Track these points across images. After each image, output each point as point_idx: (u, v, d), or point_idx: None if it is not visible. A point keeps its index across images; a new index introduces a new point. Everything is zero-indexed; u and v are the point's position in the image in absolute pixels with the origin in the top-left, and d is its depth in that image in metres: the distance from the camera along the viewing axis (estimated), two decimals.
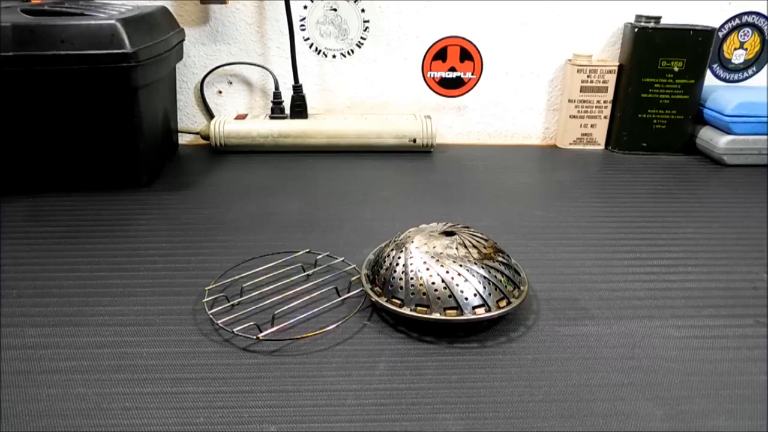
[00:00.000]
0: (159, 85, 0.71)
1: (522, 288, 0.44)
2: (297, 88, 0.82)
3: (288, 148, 0.81)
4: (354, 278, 0.48)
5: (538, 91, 0.87)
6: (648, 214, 0.63)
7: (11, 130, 0.63)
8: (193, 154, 0.82)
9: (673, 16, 0.83)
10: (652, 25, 0.79)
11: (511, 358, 0.40)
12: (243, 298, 0.46)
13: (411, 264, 0.42)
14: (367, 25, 0.83)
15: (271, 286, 0.47)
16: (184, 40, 0.79)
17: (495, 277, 0.42)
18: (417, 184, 0.71)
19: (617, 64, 0.82)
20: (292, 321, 0.43)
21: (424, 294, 0.41)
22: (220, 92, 0.87)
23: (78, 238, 0.56)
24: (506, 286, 0.42)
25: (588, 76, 0.82)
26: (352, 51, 0.85)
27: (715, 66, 0.88)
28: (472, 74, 0.86)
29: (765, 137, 0.77)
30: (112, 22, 0.60)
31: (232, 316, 0.43)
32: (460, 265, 0.41)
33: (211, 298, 0.46)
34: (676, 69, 0.80)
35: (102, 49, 0.59)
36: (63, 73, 0.60)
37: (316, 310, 0.44)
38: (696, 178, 0.75)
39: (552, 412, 0.35)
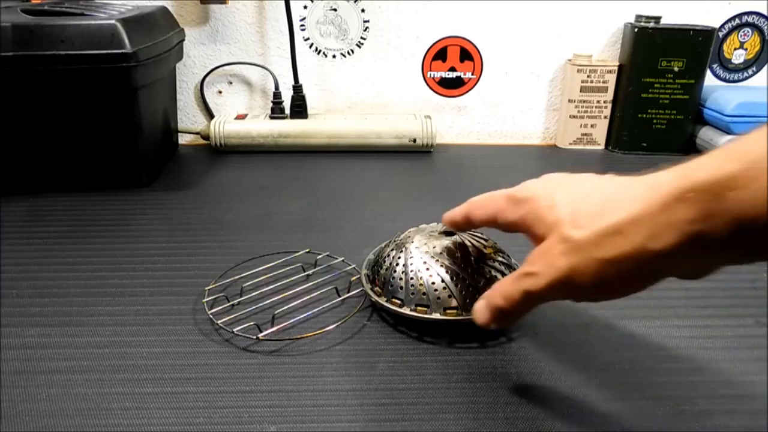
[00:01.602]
0: (159, 85, 0.71)
1: None
2: (297, 88, 0.82)
3: (288, 148, 0.81)
4: (354, 278, 0.48)
5: (538, 91, 0.87)
6: None
7: (11, 130, 0.63)
8: (193, 154, 0.82)
9: (673, 16, 0.83)
10: (652, 25, 0.79)
11: (511, 358, 0.40)
12: (243, 298, 0.46)
13: (411, 264, 0.42)
14: (367, 25, 0.83)
15: (271, 286, 0.47)
16: (184, 40, 0.79)
17: (495, 277, 0.42)
18: (417, 184, 0.71)
19: (617, 64, 0.82)
20: (292, 321, 0.43)
21: (424, 294, 0.41)
22: (220, 92, 0.87)
23: (78, 238, 0.56)
24: None
25: (588, 76, 0.82)
26: (352, 51, 0.85)
27: (715, 66, 0.88)
28: (472, 74, 0.86)
29: None
30: (112, 22, 0.60)
31: (232, 316, 0.43)
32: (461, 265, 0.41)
33: (211, 298, 0.46)
34: (676, 69, 0.80)
35: (102, 49, 0.59)
36: (63, 73, 0.60)
37: (316, 310, 0.44)
38: None
39: (552, 412, 0.35)
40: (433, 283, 0.41)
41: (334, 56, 0.85)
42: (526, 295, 0.30)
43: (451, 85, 0.87)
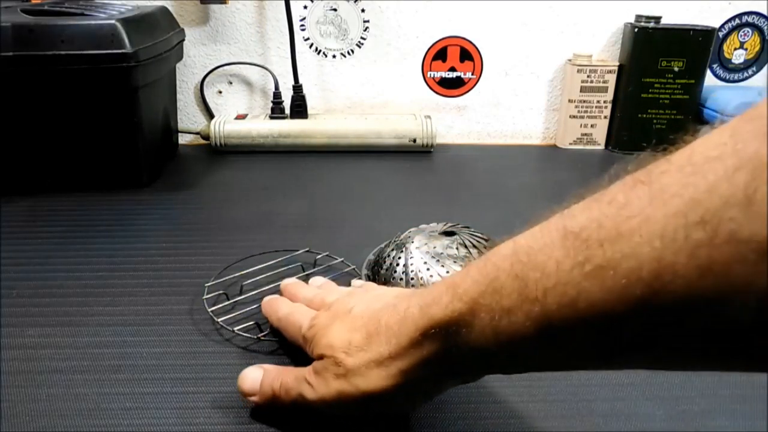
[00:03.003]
0: (159, 85, 0.71)
1: None
2: (297, 88, 0.82)
3: (288, 148, 0.81)
4: (354, 279, 0.48)
5: (538, 91, 0.87)
6: None
7: (11, 130, 0.63)
8: (193, 154, 0.82)
9: (673, 16, 0.83)
10: (652, 25, 0.79)
11: None
12: (243, 298, 0.46)
13: (411, 264, 0.42)
14: (367, 25, 0.83)
15: (271, 286, 0.47)
16: (184, 40, 0.79)
17: None
18: (417, 184, 0.71)
19: (617, 64, 0.82)
20: None
21: None
22: (220, 92, 0.87)
23: (78, 238, 0.56)
24: None
25: (588, 76, 0.82)
26: (352, 51, 0.85)
27: (715, 66, 0.88)
28: (472, 74, 0.86)
29: None
30: (112, 22, 0.60)
31: (232, 315, 0.43)
32: (461, 266, 0.41)
33: (211, 295, 0.46)
34: (676, 69, 0.80)
35: (102, 49, 0.59)
36: (63, 73, 0.60)
37: None
38: None
39: (552, 412, 0.35)
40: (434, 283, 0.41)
41: (334, 56, 0.85)
42: (301, 397, 0.32)
43: (451, 85, 0.87)
